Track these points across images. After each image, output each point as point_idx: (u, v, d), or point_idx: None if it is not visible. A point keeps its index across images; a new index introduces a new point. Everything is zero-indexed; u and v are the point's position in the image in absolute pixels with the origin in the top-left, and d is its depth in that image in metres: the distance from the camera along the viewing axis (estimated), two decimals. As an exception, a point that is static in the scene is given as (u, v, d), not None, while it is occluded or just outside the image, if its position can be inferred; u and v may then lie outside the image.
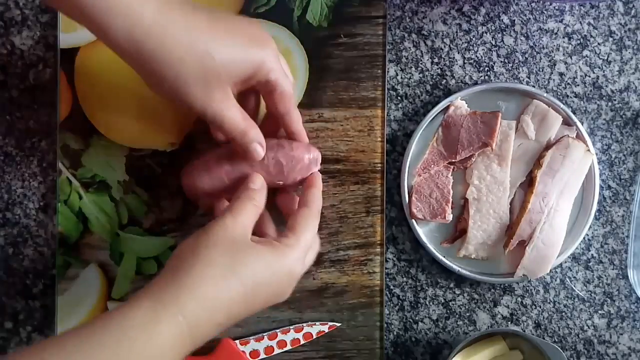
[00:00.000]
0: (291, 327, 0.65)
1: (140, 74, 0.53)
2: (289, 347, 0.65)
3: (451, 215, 0.66)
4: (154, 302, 0.47)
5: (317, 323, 0.66)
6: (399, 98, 0.67)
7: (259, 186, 0.57)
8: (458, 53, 0.67)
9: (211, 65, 0.52)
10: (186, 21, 0.52)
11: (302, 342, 0.65)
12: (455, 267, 0.66)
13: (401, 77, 0.67)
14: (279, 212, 0.62)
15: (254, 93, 0.60)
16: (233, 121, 0.55)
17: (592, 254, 0.68)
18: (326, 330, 0.66)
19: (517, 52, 0.67)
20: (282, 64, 0.58)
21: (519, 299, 0.68)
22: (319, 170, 0.61)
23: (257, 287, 0.51)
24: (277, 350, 0.65)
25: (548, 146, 0.65)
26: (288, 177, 0.60)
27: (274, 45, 0.57)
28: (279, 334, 0.65)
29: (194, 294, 0.48)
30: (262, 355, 0.65)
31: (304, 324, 0.65)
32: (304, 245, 0.55)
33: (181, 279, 0.49)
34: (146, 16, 0.50)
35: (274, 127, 0.61)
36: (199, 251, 0.50)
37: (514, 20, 0.67)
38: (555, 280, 0.68)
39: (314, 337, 0.65)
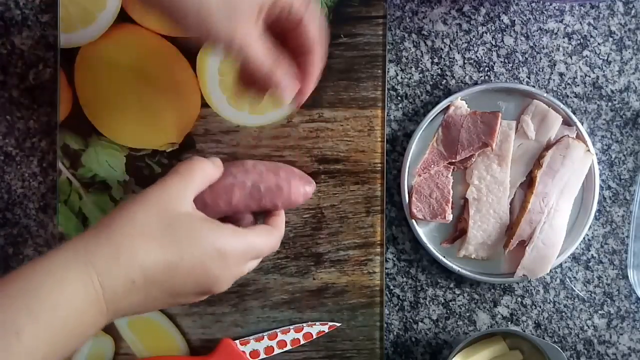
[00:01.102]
0: (291, 327, 0.65)
1: (163, 13, 0.51)
2: (289, 347, 0.65)
3: (451, 215, 0.66)
4: (69, 250, 0.46)
5: (317, 323, 0.66)
6: (399, 98, 0.67)
7: (218, 163, 0.55)
8: (458, 53, 0.67)
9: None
10: None
11: (302, 342, 0.65)
12: (455, 267, 0.66)
13: (401, 77, 0.67)
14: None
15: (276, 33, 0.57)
16: (259, 56, 0.52)
17: (592, 254, 0.68)
18: (326, 331, 0.66)
19: (517, 52, 0.67)
20: None
21: (519, 299, 0.68)
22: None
23: (181, 256, 0.48)
24: (277, 350, 0.65)
25: (548, 146, 0.65)
26: (276, 203, 0.58)
27: None
28: (279, 334, 0.65)
29: (110, 245, 0.47)
30: (262, 355, 0.65)
31: (304, 324, 0.65)
32: (248, 243, 0.52)
33: (101, 231, 0.47)
34: None
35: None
36: (128, 208, 0.49)
37: (514, 20, 0.67)
38: (555, 281, 0.68)
39: (314, 337, 0.65)
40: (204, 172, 0.53)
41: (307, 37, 0.54)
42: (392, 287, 0.67)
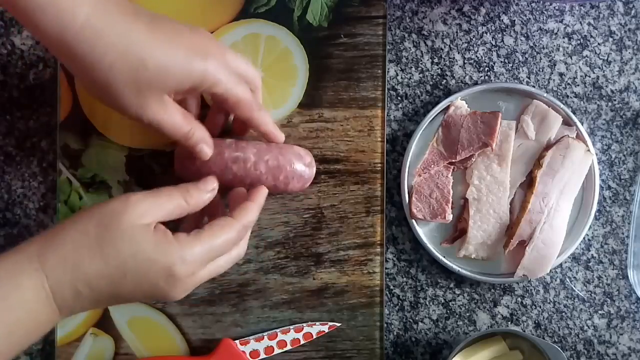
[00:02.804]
0: (291, 327, 0.65)
1: (74, 74, 0.53)
2: (289, 347, 0.65)
3: (451, 216, 0.66)
4: (23, 255, 0.49)
5: (317, 323, 0.66)
6: (399, 98, 0.67)
7: (203, 190, 0.55)
8: (458, 53, 0.67)
9: (144, 74, 0.50)
10: (122, 25, 0.50)
11: (302, 342, 0.65)
12: (455, 267, 0.66)
13: (401, 77, 0.67)
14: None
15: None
16: (173, 126, 0.54)
17: (592, 254, 0.68)
18: (326, 330, 0.66)
19: (517, 52, 0.67)
20: (238, 66, 0.56)
21: (519, 299, 0.68)
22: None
23: (124, 272, 0.50)
24: (277, 350, 0.65)
25: (548, 146, 0.65)
26: (277, 184, 0.60)
27: (221, 53, 0.55)
28: (279, 334, 0.65)
29: (58, 253, 0.49)
30: (262, 355, 0.65)
31: (304, 324, 0.65)
32: (200, 250, 0.52)
33: (53, 238, 0.50)
34: (79, 17, 0.48)
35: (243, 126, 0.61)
36: (82, 217, 0.50)
37: (514, 20, 0.67)
38: (555, 281, 0.68)
39: (314, 337, 0.65)
40: (172, 200, 0.53)
41: (242, 111, 0.57)
42: (392, 287, 0.67)
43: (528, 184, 0.66)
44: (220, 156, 0.58)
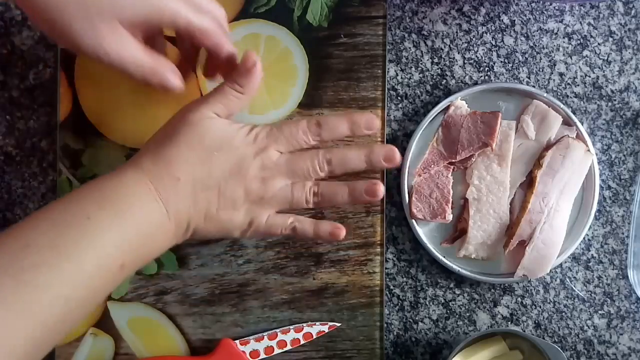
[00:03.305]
0: (291, 327, 0.65)
1: (28, 15, 0.53)
2: (289, 347, 0.65)
3: (451, 216, 0.66)
4: (137, 174, 0.53)
5: (317, 323, 0.66)
6: (399, 98, 0.67)
7: (251, 68, 0.56)
8: (458, 53, 0.67)
9: (92, 4, 0.49)
10: None
11: (302, 342, 0.65)
12: (455, 267, 0.66)
13: (401, 77, 0.67)
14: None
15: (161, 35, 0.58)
16: (134, 60, 0.52)
17: (592, 254, 0.68)
18: (326, 330, 0.66)
19: (517, 52, 0.67)
20: (200, 2, 0.54)
21: (519, 299, 0.68)
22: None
23: (213, 155, 0.54)
24: (277, 350, 0.65)
25: (548, 146, 0.65)
26: None
27: None
28: (279, 334, 0.65)
29: (163, 167, 0.53)
30: (262, 356, 0.65)
31: (304, 324, 0.65)
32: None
33: (158, 147, 0.54)
34: None
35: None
36: (179, 130, 0.55)
37: (514, 20, 0.67)
38: (555, 281, 0.68)
39: (314, 337, 0.65)
40: (232, 94, 0.56)
41: (209, 41, 0.55)
42: (392, 287, 0.67)
43: (528, 184, 0.66)
44: None
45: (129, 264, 0.51)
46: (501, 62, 0.67)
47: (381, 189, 0.57)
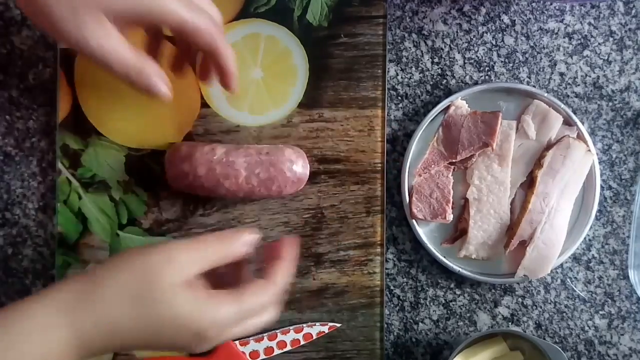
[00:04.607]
0: (291, 327, 0.65)
1: (22, 7, 0.50)
2: (288, 347, 0.65)
3: (451, 216, 0.65)
4: (53, 305, 0.47)
5: (317, 324, 0.65)
6: (399, 98, 0.67)
7: (241, 242, 0.52)
8: (458, 53, 0.67)
9: None
10: None
11: (302, 342, 0.65)
12: (455, 267, 0.66)
13: (401, 77, 0.67)
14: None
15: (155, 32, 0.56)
16: (118, 56, 0.49)
17: (592, 254, 0.67)
18: (326, 331, 0.65)
19: (517, 52, 0.67)
20: (198, 1, 0.52)
21: (520, 299, 0.67)
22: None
23: (160, 335, 0.48)
24: (277, 351, 0.65)
25: (549, 146, 0.65)
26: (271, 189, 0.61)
27: None
28: (278, 334, 0.65)
29: (95, 312, 0.47)
30: (262, 356, 0.65)
31: (304, 325, 0.65)
32: (233, 312, 0.49)
33: (91, 292, 0.47)
34: None
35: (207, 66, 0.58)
36: (123, 270, 0.48)
37: (515, 20, 0.67)
38: (556, 281, 0.67)
39: (314, 337, 0.65)
40: (212, 252, 0.50)
41: (203, 41, 0.52)
42: (392, 288, 0.67)
43: (529, 184, 0.66)
44: (211, 173, 0.59)
45: None
46: (501, 62, 0.67)
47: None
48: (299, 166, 0.62)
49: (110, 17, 0.49)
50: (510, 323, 0.67)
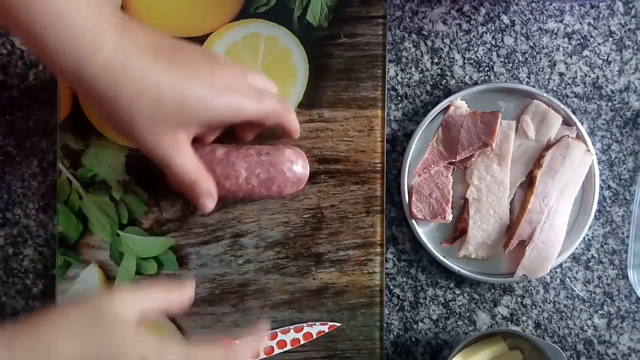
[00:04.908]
0: (291, 327, 0.65)
1: (92, 108, 0.55)
2: (289, 347, 0.65)
3: (451, 216, 0.66)
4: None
5: (317, 323, 0.65)
6: (399, 98, 0.67)
7: (183, 295, 0.55)
8: (458, 53, 0.67)
9: (161, 111, 0.52)
10: (140, 66, 0.51)
11: (302, 342, 0.65)
12: (455, 267, 0.66)
13: (401, 77, 0.67)
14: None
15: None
16: (181, 169, 0.55)
17: (592, 254, 0.68)
18: (326, 330, 0.66)
19: (517, 52, 0.67)
20: (259, 84, 0.57)
21: (519, 299, 0.68)
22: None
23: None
24: (277, 350, 0.65)
25: (548, 146, 0.65)
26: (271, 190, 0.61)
27: (242, 78, 0.56)
28: (279, 334, 0.65)
29: (31, 338, 0.48)
30: (262, 356, 0.65)
31: (304, 324, 0.65)
32: (179, 352, 0.51)
33: (28, 323, 0.49)
34: (98, 59, 0.49)
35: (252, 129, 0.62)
36: (64, 307, 0.51)
37: (514, 20, 0.67)
38: (555, 281, 0.68)
39: (314, 337, 0.65)
40: (165, 295, 0.54)
41: (287, 127, 0.60)
42: (392, 287, 0.67)
43: (528, 184, 0.66)
44: (212, 174, 0.59)
45: None
46: (501, 62, 0.67)
47: None
48: (299, 166, 0.62)
49: (189, 130, 0.54)
50: (509, 322, 0.68)
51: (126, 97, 0.51)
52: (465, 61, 0.67)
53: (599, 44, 0.68)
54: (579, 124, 0.65)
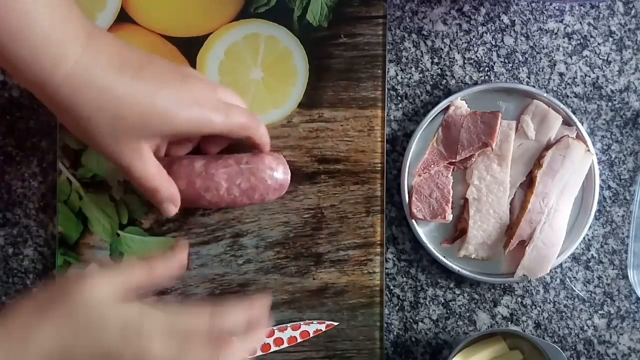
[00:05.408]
0: (288, 325, 0.65)
1: (60, 117, 0.55)
2: (285, 344, 0.65)
3: (451, 215, 0.66)
4: None
5: (315, 322, 0.65)
6: (399, 98, 0.67)
7: (169, 266, 0.54)
8: (458, 53, 0.67)
9: (122, 125, 0.52)
10: (104, 79, 0.51)
11: (299, 340, 0.65)
12: (455, 267, 0.66)
13: (401, 77, 0.67)
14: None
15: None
16: (143, 176, 0.55)
17: (592, 254, 0.68)
18: (323, 329, 0.65)
19: (517, 52, 0.67)
20: (228, 99, 0.58)
21: (519, 299, 0.67)
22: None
23: (77, 332, 0.48)
24: (273, 348, 0.65)
25: (548, 146, 0.65)
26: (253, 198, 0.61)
27: (210, 93, 0.56)
28: (276, 331, 0.65)
29: (5, 327, 0.48)
30: (259, 353, 0.65)
31: (301, 323, 0.65)
32: (161, 316, 0.50)
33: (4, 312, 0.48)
34: (61, 71, 0.50)
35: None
36: (34, 294, 0.50)
37: (514, 20, 0.67)
38: (555, 281, 0.68)
39: (311, 335, 0.65)
40: (146, 270, 0.53)
41: (253, 139, 0.59)
42: (392, 287, 0.67)
43: (528, 184, 0.66)
44: (191, 186, 0.59)
45: None
46: (501, 62, 0.67)
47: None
48: (280, 172, 0.61)
49: (150, 141, 0.55)
50: (509, 322, 0.68)
51: (87, 109, 0.51)
52: (465, 61, 0.67)
53: (599, 44, 0.68)
54: (579, 124, 0.65)
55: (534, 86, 0.67)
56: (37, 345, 0.47)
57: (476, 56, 0.67)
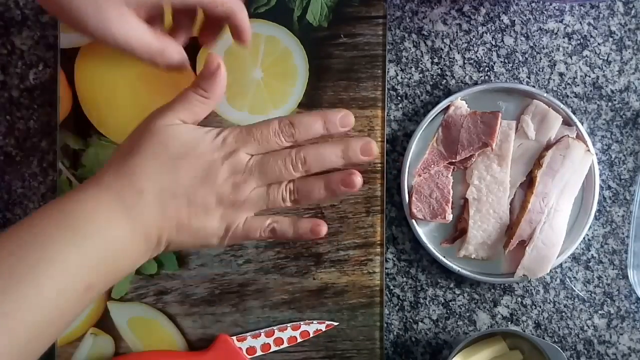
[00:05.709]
0: (288, 325, 0.65)
1: (46, 6, 0.53)
2: (285, 344, 0.65)
3: (451, 216, 0.66)
4: (98, 189, 0.51)
5: (315, 321, 0.66)
6: (399, 98, 0.67)
7: (211, 71, 0.55)
8: (458, 53, 0.67)
9: None
10: None
11: (299, 340, 0.65)
12: (455, 267, 0.66)
13: (401, 77, 0.67)
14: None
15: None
16: (141, 42, 0.53)
17: (592, 254, 0.68)
18: (323, 329, 0.66)
19: (517, 52, 0.67)
20: None
21: (519, 299, 0.67)
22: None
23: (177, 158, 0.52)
24: (273, 348, 0.65)
25: (548, 146, 0.65)
26: None
27: None
28: (276, 331, 0.65)
29: (125, 178, 0.51)
30: (259, 353, 0.65)
31: (301, 322, 0.65)
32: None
33: (119, 164, 0.52)
34: None
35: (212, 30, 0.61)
36: (142, 143, 0.52)
37: (514, 20, 0.67)
38: (555, 281, 0.68)
39: (311, 335, 0.65)
40: (190, 102, 0.55)
41: (230, 17, 0.56)
42: (392, 287, 0.67)
43: (528, 184, 0.66)
44: None
45: (97, 283, 0.49)
46: (501, 62, 0.67)
47: (358, 180, 0.55)
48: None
49: (132, 7, 0.52)
50: (509, 322, 0.68)
51: None
52: (465, 61, 0.67)
53: (599, 44, 0.68)
54: (579, 124, 0.65)
55: (534, 86, 0.67)
56: (148, 184, 0.51)
57: (476, 56, 0.67)
